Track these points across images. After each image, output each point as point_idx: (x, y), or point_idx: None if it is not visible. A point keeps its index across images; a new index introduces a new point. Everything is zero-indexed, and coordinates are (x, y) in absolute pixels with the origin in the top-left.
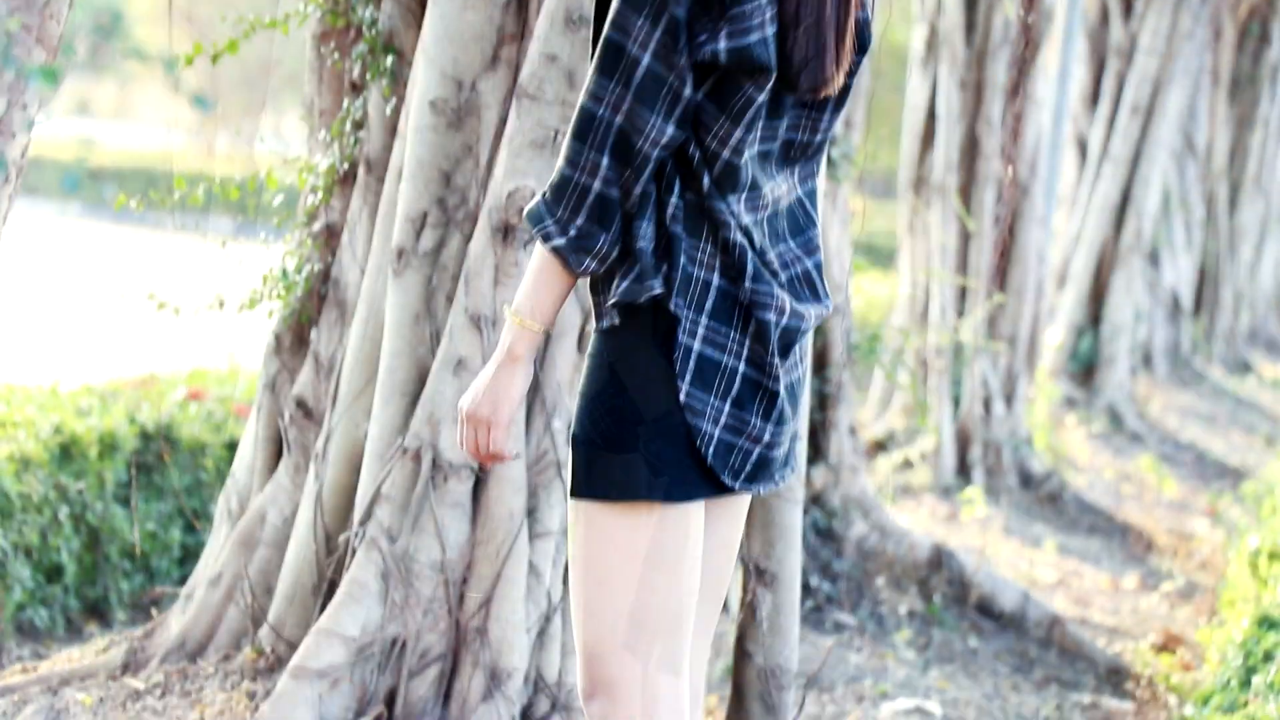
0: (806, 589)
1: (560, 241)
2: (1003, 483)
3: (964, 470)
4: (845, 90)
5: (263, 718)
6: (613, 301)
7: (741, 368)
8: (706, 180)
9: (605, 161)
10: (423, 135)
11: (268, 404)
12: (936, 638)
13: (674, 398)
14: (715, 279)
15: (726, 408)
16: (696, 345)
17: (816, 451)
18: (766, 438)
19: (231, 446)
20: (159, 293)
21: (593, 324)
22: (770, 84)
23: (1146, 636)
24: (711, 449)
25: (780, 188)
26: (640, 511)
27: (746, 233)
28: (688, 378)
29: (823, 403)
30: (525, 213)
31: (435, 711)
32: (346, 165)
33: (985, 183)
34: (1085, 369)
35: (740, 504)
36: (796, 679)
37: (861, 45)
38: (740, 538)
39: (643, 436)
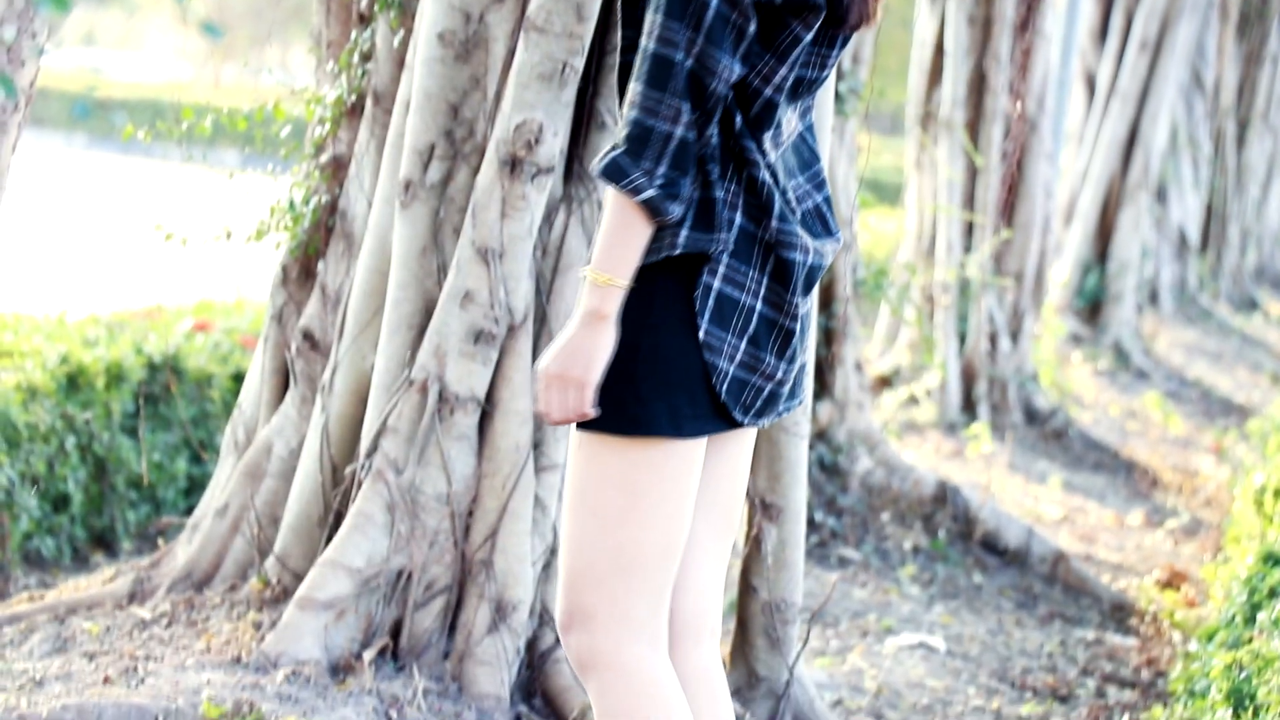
0: (811, 524)
1: (652, 192)
2: (1008, 419)
3: (969, 406)
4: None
5: (268, 648)
6: (680, 251)
7: (759, 306)
8: (739, 119)
9: (685, 106)
10: (430, 67)
11: (274, 335)
12: (941, 573)
13: (692, 335)
14: (738, 218)
15: (743, 345)
16: (716, 284)
17: (822, 387)
18: (779, 375)
19: (238, 378)
20: (166, 224)
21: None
22: (818, 21)
23: (1151, 573)
24: (725, 386)
25: (791, 123)
26: (647, 446)
27: (772, 171)
28: (707, 315)
29: (828, 338)
30: (600, 170)
31: (440, 643)
32: (354, 97)
33: (993, 118)
34: (1091, 305)
35: (749, 434)
36: (801, 613)
37: None
38: (749, 467)
39: (657, 373)
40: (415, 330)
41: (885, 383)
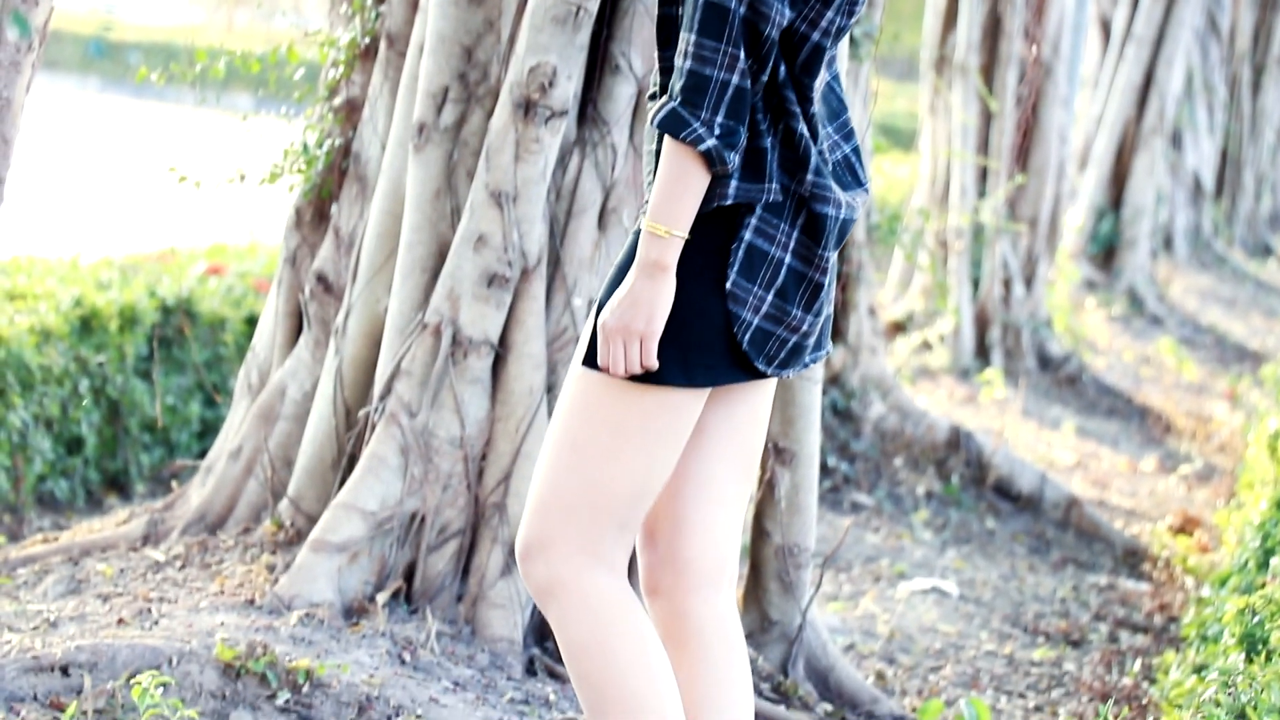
0: (824, 469)
1: (712, 143)
2: (1022, 365)
3: (983, 352)
4: None
5: (282, 590)
6: (730, 202)
7: (788, 259)
8: (783, 68)
9: (740, 53)
10: (444, 9)
11: (288, 279)
12: (954, 518)
13: (718, 286)
14: (775, 170)
15: (769, 297)
16: (748, 235)
17: (836, 332)
18: (805, 327)
19: (251, 321)
20: (180, 167)
21: (612, 201)
22: None
23: (1164, 518)
24: (748, 336)
25: (820, 73)
26: (648, 392)
27: (810, 123)
28: (736, 267)
29: (842, 284)
30: (658, 122)
31: (453, 586)
32: (368, 39)
33: (1008, 63)
34: (1106, 251)
35: (771, 384)
36: (814, 558)
37: None
38: (769, 415)
39: (677, 322)
40: (429, 273)
41: (899, 328)
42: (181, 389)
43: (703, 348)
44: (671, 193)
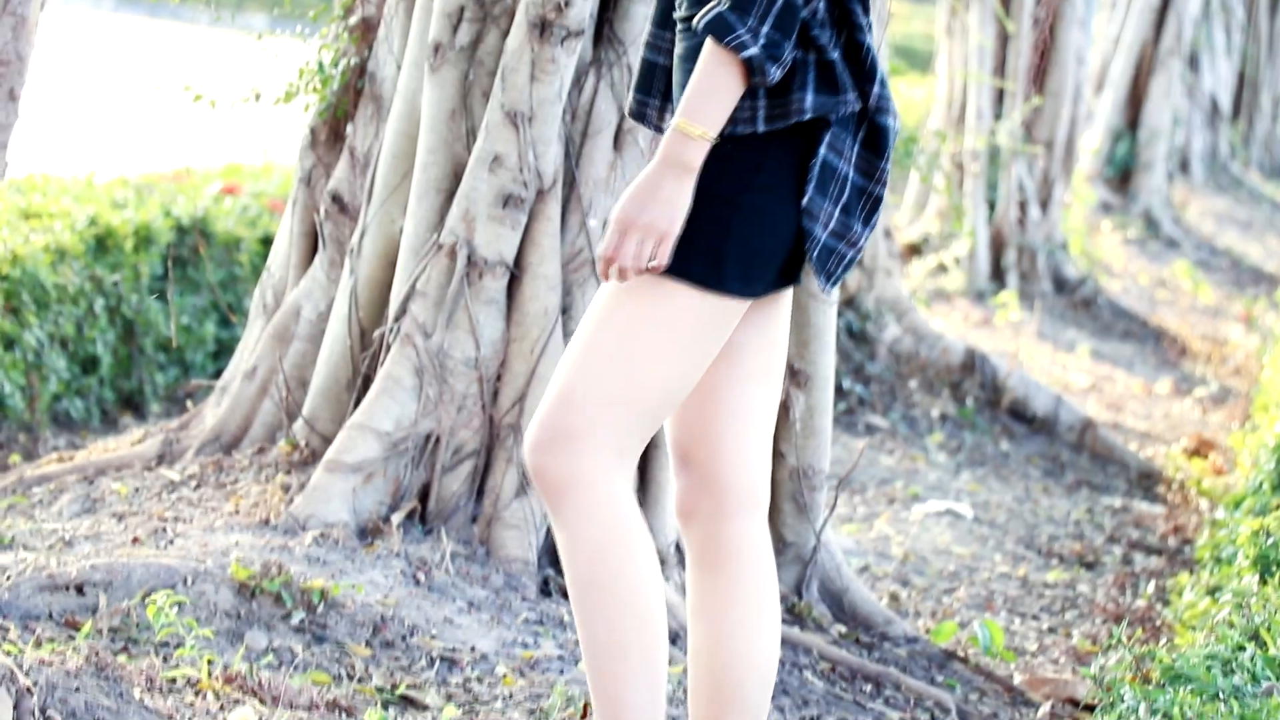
0: (839, 391)
1: (754, 51)
2: (1037, 287)
3: (998, 275)
4: None
5: (297, 510)
6: (809, 116)
7: (851, 174)
8: None
9: None
10: None
11: (303, 199)
12: (968, 441)
13: (794, 201)
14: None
15: (836, 213)
16: (823, 151)
17: None
18: (861, 242)
19: (266, 241)
20: (195, 86)
21: (628, 122)
22: None
23: (1179, 441)
24: (816, 252)
25: None
26: (706, 297)
27: (871, 33)
28: (814, 183)
29: None
30: (704, 24)
31: (468, 507)
32: None
33: None
34: (1122, 174)
35: (789, 299)
36: (828, 480)
37: None
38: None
39: (751, 233)
40: (444, 194)
41: (914, 250)
42: (196, 309)
43: (766, 261)
44: (707, 95)
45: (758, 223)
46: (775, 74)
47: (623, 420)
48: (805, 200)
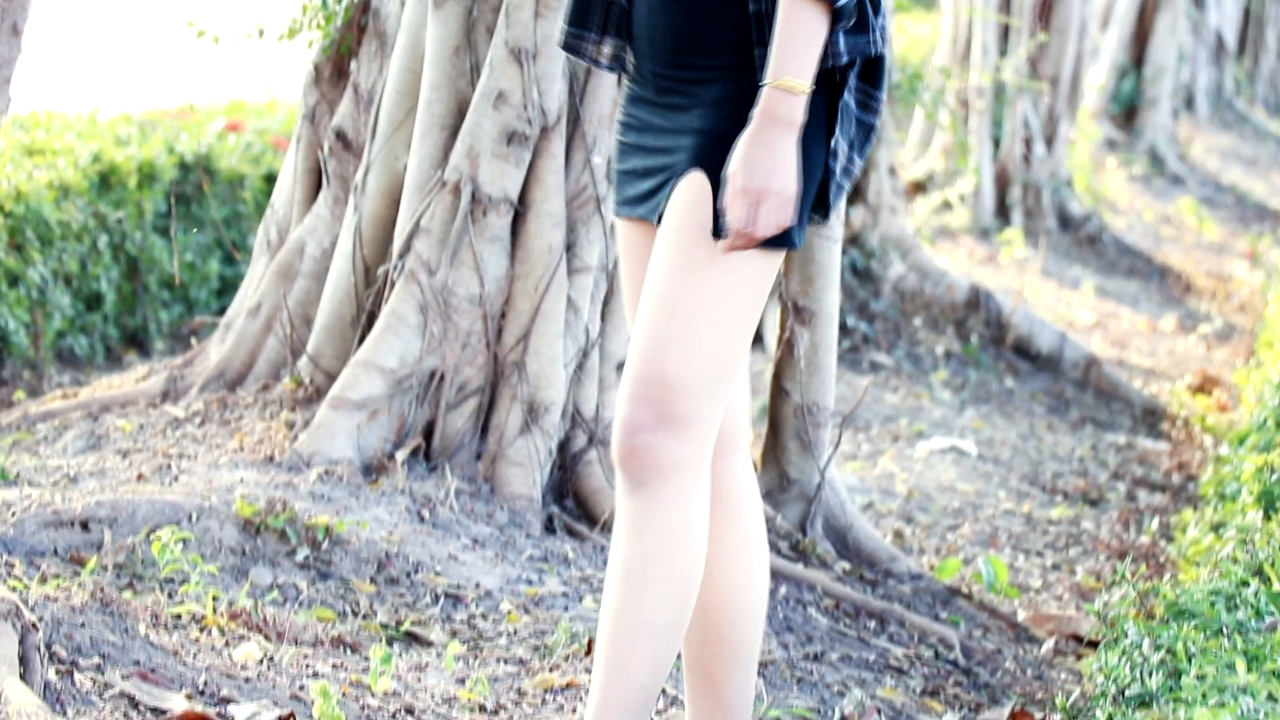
0: (844, 329)
1: None
2: (1042, 224)
3: (1003, 212)
4: None
5: (301, 447)
6: (845, 59)
7: (854, 107)
8: None
9: None
10: None
11: (307, 135)
12: (973, 378)
13: (824, 144)
14: None
15: (844, 149)
16: (846, 93)
17: (855, 192)
18: (857, 173)
19: (270, 178)
20: (198, 21)
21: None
22: None
23: (1183, 378)
24: (833, 190)
25: None
26: (774, 258)
27: None
28: (840, 122)
29: None
30: None
31: (473, 444)
32: None
33: None
34: (1127, 110)
35: None
36: (833, 417)
37: None
38: None
39: (804, 185)
40: (448, 130)
41: (919, 188)
42: (200, 246)
43: (808, 207)
44: (804, 46)
45: (805, 171)
46: (854, 14)
47: (720, 397)
48: (833, 141)
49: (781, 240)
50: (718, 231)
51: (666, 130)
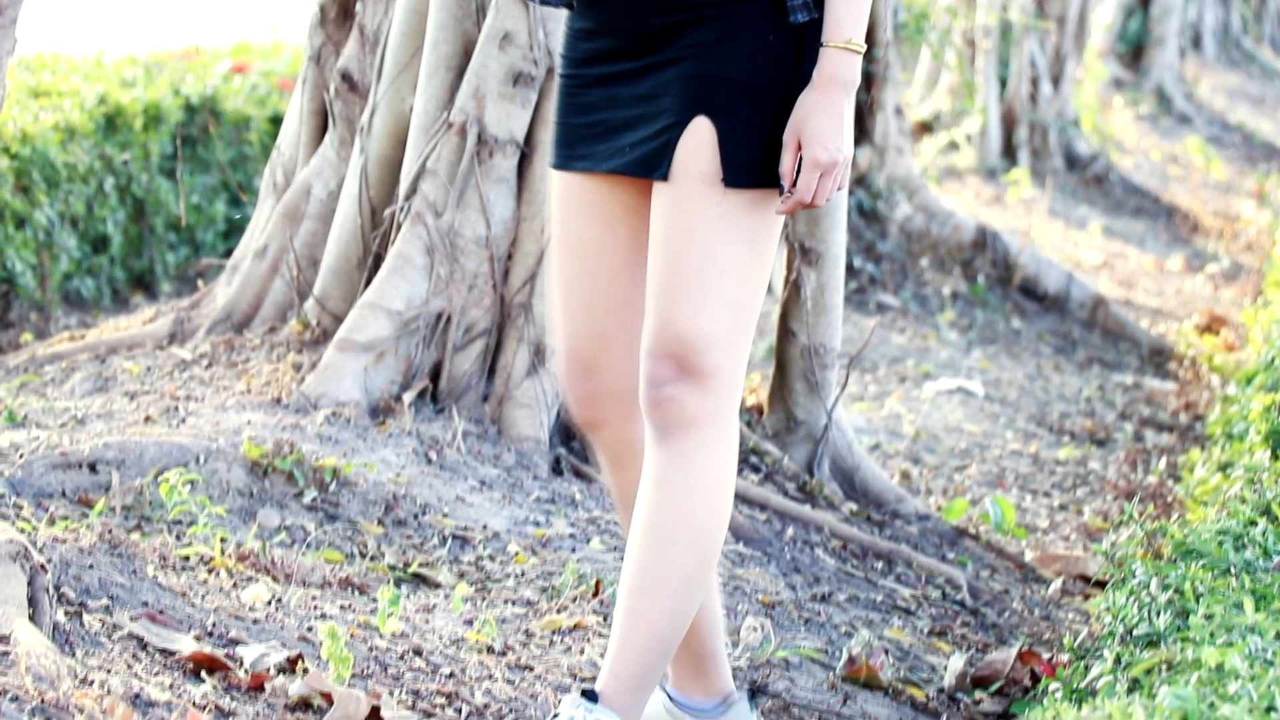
0: (850, 270)
1: None
2: (1049, 164)
3: (1010, 152)
4: None
5: (308, 389)
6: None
7: None
8: None
9: None
10: None
11: (312, 77)
12: (980, 319)
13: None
14: None
15: None
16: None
17: (861, 132)
18: None
19: (276, 120)
20: None
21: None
22: None
23: (1190, 317)
24: None
25: None
26: (772, 198)
27: None
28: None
29: (868, 83)
30: None
31: (479, 386)
32: None
33: None
34: (1134, 49)
35: None
36: (839, 358)
37: None
38: None
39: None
40: (454, 72)
41: (925, 128)
42: (206, 188)
43: None
44: (860, 6)
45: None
46: None
47: (741, 346)
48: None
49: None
50: (732, 180)
51: (646, 79)
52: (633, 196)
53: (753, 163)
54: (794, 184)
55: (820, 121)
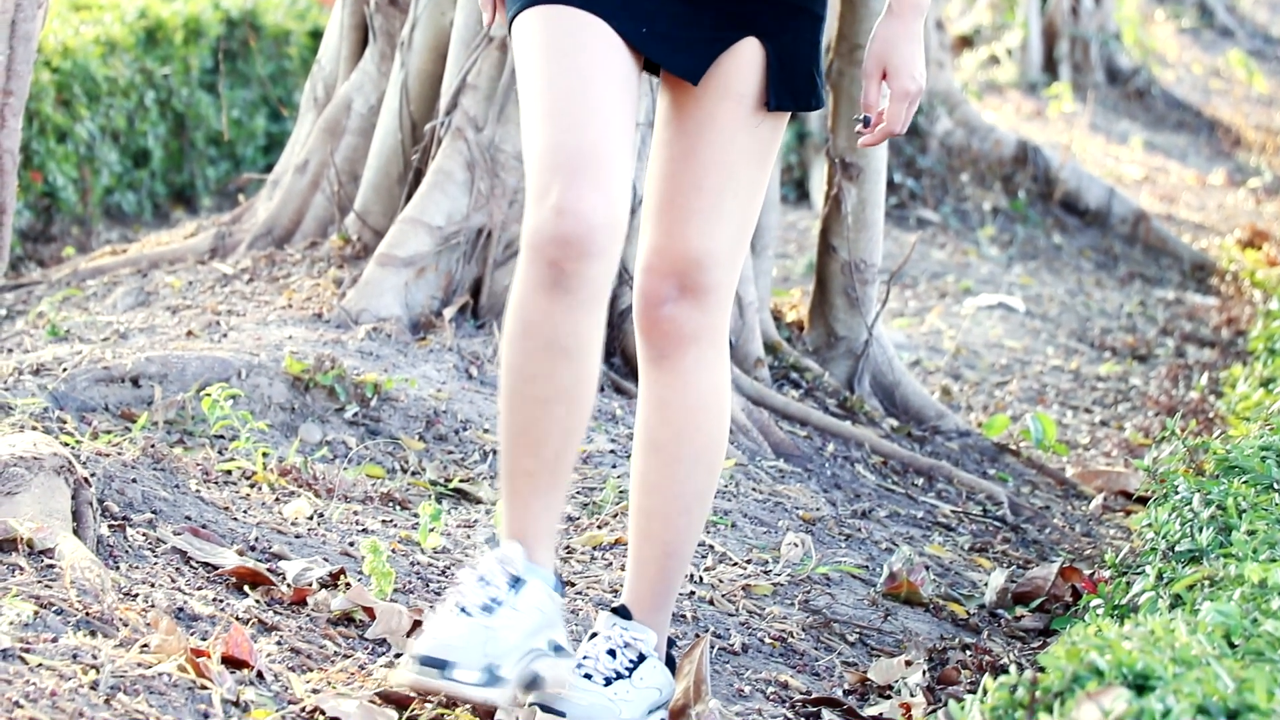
0: (891, 185)
1: None
2: (1090, 79)
3: (1051, 66)
4: None
5: (349, 304)
6: None
7: None
8: None
9: None
10: None
11: None
12: (1020, 234)
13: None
14: None
15: None
16: None
17: None
18: None
19: (316, 34)
20: None
21: None
22: None
23: (1232, 232)
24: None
25: None
26: (784, 117)
27: None
28: None
29: None
30: None
31: None
32: None
33: None
34: None
35: None
36: (880, 274)
37: None
38: None
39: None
40: None
41: (966, 42)
42: (247, 102)
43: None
44: None
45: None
46: None
47: (738, 262)
48: None
49: (817, 102)
50: (775, 104)
51: None
52: (637, 59)
53: (796, 85)
54: (880, 114)
55: (905, 50)
